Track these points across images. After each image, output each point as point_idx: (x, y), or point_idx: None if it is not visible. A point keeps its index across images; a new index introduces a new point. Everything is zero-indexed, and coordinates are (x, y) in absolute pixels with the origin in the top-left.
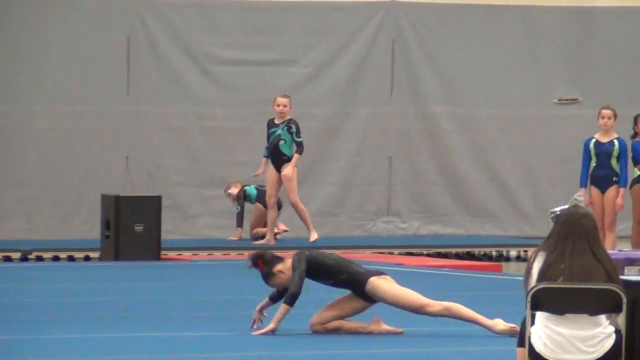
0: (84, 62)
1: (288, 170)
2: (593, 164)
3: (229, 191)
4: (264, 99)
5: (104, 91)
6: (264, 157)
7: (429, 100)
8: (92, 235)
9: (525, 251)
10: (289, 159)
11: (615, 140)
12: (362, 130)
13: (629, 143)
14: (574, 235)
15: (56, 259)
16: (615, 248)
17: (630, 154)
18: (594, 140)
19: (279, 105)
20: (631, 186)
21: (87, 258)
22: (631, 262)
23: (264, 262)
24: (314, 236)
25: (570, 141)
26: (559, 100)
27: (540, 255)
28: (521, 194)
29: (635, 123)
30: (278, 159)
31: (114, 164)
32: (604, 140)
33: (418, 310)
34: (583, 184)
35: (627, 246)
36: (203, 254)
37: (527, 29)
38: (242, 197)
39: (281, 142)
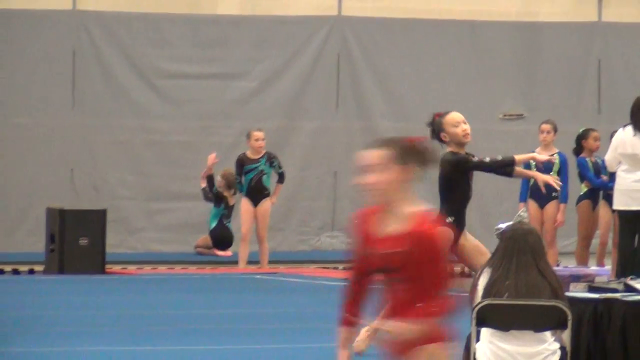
0: (30, 75)
1: (270, 203)
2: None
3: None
4: (211, 113)
5: (49, 104)
6: (242, 193)
7: (374, 115)
8: (37, 249)
9: None
10: (269, 194)
11: (555, 155)
12: (307, 144)
13: (571, 159)
14: (519, 252)
15: (0, 272)
16: (560, 264)
17: (576, 170)
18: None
19: (257, 140)
20: (577, 202)
21: (31, 271)
22: (576, 278)
23: None
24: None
25: None
26: (505, 115)
27: (486, 271)
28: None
29: (585, 138)
30: (260, 193)
31: (59, 177)
32: (544, 154)
33: None
34: (523, 199)
35: (572, 263)
36: (148, 268)
37: (473, 44)
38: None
39: (264, 177)
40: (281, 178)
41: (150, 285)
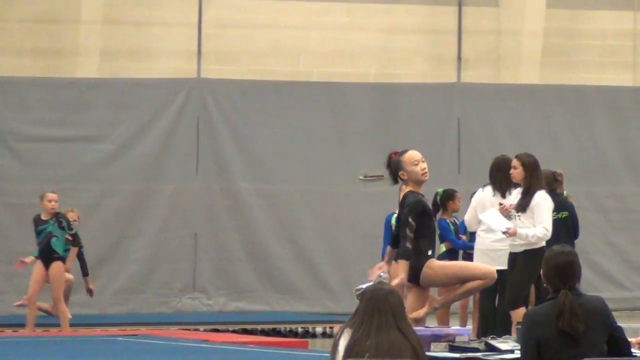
0: None
1: (60, 265)
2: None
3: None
4: (69, 176)
5: None
6: (34, 256)
7: (234, 177)
8: None
9: (332, 327)
10: (59, 257)
11: None
12: (167, 206)
13: None
14: (380, 312)
15: None
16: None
17: (437, 231)
18: (395, 215)
19: (50, 201)
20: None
21: None
22: (437, 338)
23: None
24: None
25: (375, 217)
26: (364, 176)
27: (347, 331)
28: (327, 270)
29: (452, 199)
30: (49, 255)
31: None
32: None
33: None
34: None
35: (433, 323)
36: (8, 331)
37: (333, 105)
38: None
39: (53, 240)
40: (76, 240)
41: (13, 348)
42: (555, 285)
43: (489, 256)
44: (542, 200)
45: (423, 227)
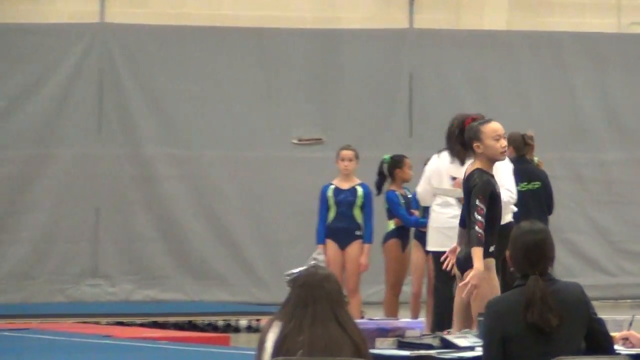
0: None
1: None
2: (332, 215)
3: None
4: None
5: None
6: None
7: (143, 140)
8: None
9: (258, 320)
10: None
11: (358, 187)
12: (64, 176)
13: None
14: (315, 301)
15: None
16: (365, 316)
17: (385, 205)
18: (332, 187)
19: None
20: (384, 242)
21: None
22: (383, 332)
23: None
24: None
25: (312, 189)
26: (300, 140)
27: (276, 324)
28: (253, 252)
29: (399, 167)
30: None
31: None
32: (345, 186)
33: None
34: (321, 240)
35: (379, 314)
36: None
37: (262, 56)
38: None
39: None
40: None
41: None
42: (523, 270)
43: (446, 235)
44: (499, 163)
45: (489, 215)
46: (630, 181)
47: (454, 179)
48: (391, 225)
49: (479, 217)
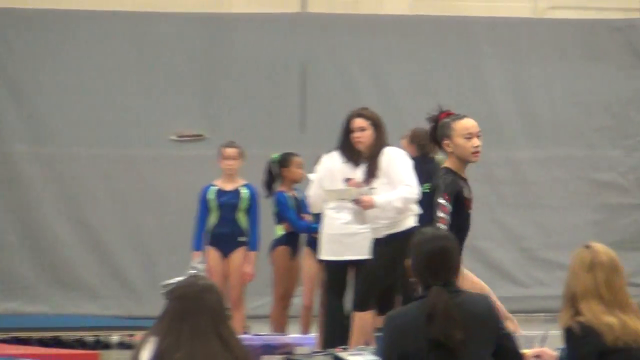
0: None
1: None
2: (213, 219)
3: None
4: None
5: None
6: None
7: (4, 136)
8: None
9: (131, 335)
10: None
11: (242, 188)
12: None
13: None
14: (194, 314)
15: None
16: (249, 331)
17: (275, 209)
18: (214, 188)
19: None
20: (271, 249)
21: None
22: (270, 349)
23: None
24: None
25: (193, 191)
26: (179, 136)
27: (151, 340)
28: (126, 260)
29: (286, 166)
30: None
31: None
32: (228, 187)
33: None
34: (198, 246)
35: (266, 329)
36: None
37: (139, 42)
38: None
39: None
40: None
41: None
42: (425, 280)
43: (340, 243)
44: (394, 155)
45: (455, 223)
46: (545, 182)
47: (348, 180)
48: (280, 230)
49: (443, 215)
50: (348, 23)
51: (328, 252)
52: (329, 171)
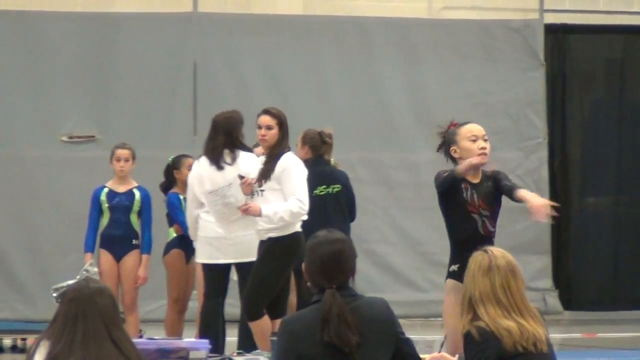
0: None
1: None
2: (105, 221)
3: None
4: None
5: None
6: None
7: None
8: None
9: (24, 339)
10: None
11: (135, 190)
12: None
13: (158, 195)
14: (86, 317)
15: None
16: (144, 335)
17: (165, 210)
18: (106, 189)
19: None
20: (165, 253)
21: None
22: (165, 353)
23: None
24: None
25: (85, 193)
26: (69, 137)
27: (44, 344)
28: (18, 263)
29: (177, 168)
30: None
31: None
32: (120, 189)
33: None
34: (89, 248)
35: (161, 333)
36: None
37: (25, 42)
38: None
39: None
40: None
41: None
42: (319, 284)
43: (214, 246)
44: (291, 164)
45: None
46: None
47: (242, 177)
48: (172, 233)
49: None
50: (240, 23)
51: (203, 255)
52: (199, 176)
